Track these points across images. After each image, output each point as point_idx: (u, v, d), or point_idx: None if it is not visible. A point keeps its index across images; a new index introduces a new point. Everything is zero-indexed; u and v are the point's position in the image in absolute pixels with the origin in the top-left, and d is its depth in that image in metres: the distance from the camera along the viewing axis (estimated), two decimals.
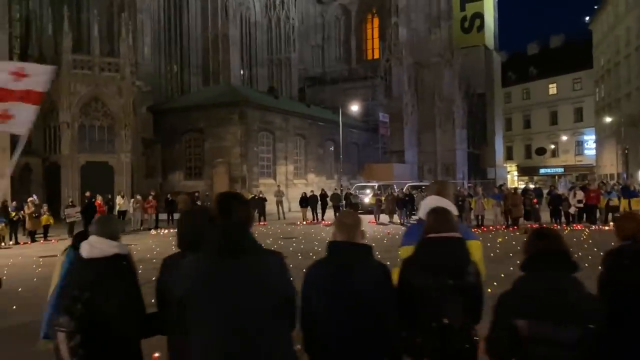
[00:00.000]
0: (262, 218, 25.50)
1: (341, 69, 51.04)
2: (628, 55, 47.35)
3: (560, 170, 68.58)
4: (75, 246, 3.69)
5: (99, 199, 21.73)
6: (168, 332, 2.87)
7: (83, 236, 3.82)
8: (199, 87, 39.99)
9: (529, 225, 19.77)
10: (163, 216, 24.69)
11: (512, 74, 71.49)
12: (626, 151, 48.21)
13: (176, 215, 25.01)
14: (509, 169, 70.61)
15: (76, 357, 2.75)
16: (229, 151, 31.18)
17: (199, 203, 25.84)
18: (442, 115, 46.90)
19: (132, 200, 23.23)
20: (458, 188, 27.42)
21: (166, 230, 22.25)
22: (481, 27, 54.71)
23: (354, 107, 38.17)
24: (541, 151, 72.31)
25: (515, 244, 14.36)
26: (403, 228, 21.25)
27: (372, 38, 51.62)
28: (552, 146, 70.89)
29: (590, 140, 65.83)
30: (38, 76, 5.04)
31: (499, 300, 2.61)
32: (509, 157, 72.72)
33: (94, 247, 2.93)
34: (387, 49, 47.18)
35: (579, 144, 68.34)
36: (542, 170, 71.07)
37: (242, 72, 44.11)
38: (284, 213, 27.62)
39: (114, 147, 29.12)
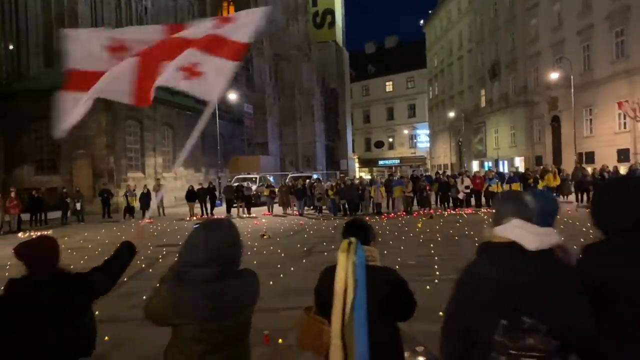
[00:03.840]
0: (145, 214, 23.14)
1: None
2: (461, 57, 52.89)
3: (397, 161, 74.28)
4: (365, 240, 2.72)
5: None
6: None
7: (361, 228, 2.84)
8: (41, 69, 34.89)
9: (425, 211, 20.91)
10: (25, 216, 21.09)
11: (352, 71, 75.33)
12: (460, 143, 53.97)
13: (45, 215, 21.68)
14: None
15: None
16: (92, 141, 27.67)
17: (67, 201, 22.78)
18: (302, 108, 47.57)
19: None
20: (358, 176, 27.89)
21: (40, 233, 18.91)
22: (332, 23, 56.59)
23: (235, 97, 36.72)
24: (379, 144, 77.59)
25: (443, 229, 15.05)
26: (303, 220, 20.90)
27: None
28: (390, 139, 76.45)
29: (422, 134, 72.30)
30: (245, 24, 3.66)
31: None
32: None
33: (541, 235, 2.08)
34: None
35: (413, 138, 74.63)
36: (380, 162, 76.15)
37: None
38: (163, 209, 25.43)
39: None
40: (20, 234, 18.84)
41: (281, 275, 9.16)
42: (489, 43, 44.80)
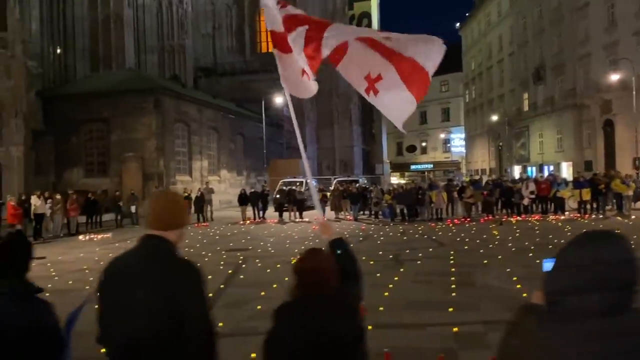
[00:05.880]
0: (201, 218, 23.00)
1: (234, 60, 48.73)
2: (501, 60, 51.83)
3: (430, 166, 73.32)
4: None
5: (10, 200, 17.73)
6: None
7: None
8: (86, 72, 35.21)
9: (490, 217, 20.22)
10: (81, 219, 21.02)
11: None
12: (500, 148, 52.88)
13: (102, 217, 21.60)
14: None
15: None
16: (142, 144, 27.62)
17: (120, 204, 22.66)
18: (339, 111, 47.14)
19: (51, 200, 19.22)
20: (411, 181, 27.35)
21: (99, 235, 18.79)
22: (368, 26, 56.01)
23: (278, 100, 36.54)
24: (412, 149, 76.68)
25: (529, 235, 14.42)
26: (364, 225, 20.43)
27: (267, 30, 49.94)
28: (423, 144, 75.51)
29: (457, 138, 71.22)
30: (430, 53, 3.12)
31: None
32: None
33: None
34: None
35: (447, 142, 73.57)
36: (412, 167, 75.25)
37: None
38: (212, 213, 25.12)
39: (1, 139, 24.20)
40: (80, 237, 18.73)
41: (390, 286, 8.65)
42: (533, 45, 43.75)
